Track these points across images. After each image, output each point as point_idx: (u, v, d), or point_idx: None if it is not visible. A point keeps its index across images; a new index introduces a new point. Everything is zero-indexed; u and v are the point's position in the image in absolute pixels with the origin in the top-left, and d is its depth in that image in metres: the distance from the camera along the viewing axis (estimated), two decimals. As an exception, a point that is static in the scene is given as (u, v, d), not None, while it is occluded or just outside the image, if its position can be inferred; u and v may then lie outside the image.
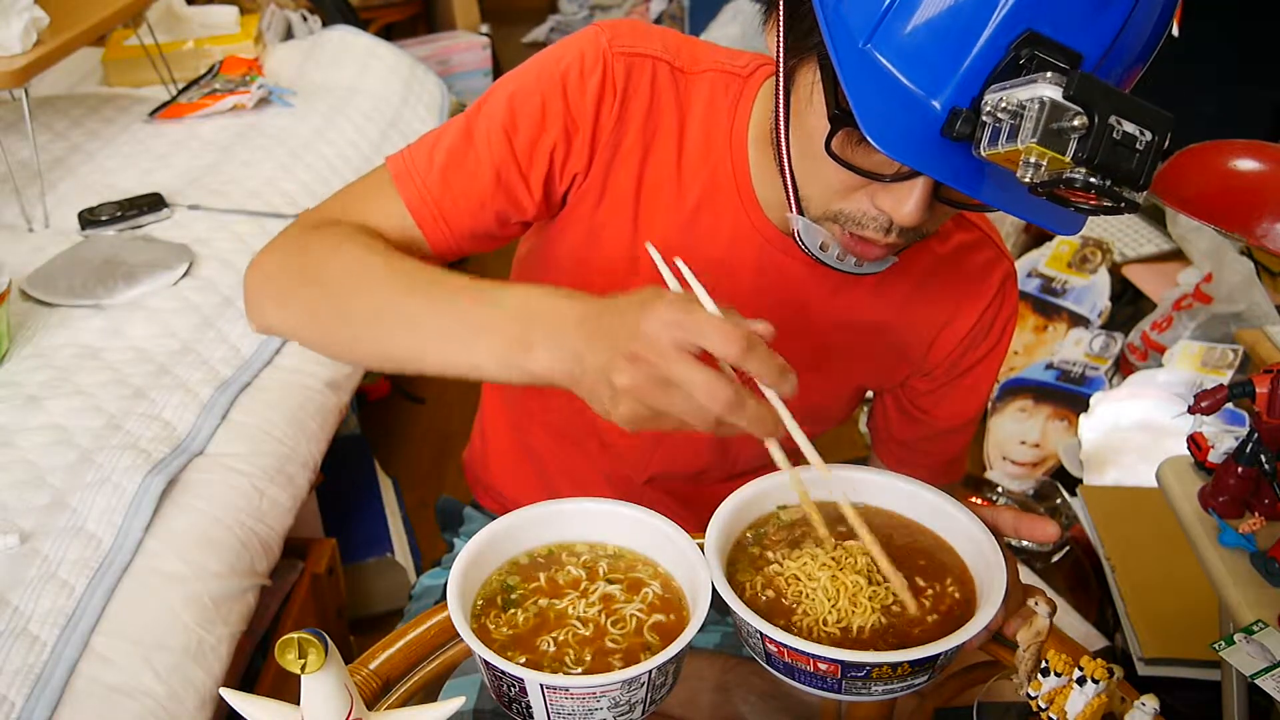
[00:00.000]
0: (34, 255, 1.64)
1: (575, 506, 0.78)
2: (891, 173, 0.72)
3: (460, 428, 0.87)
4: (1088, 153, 0.57)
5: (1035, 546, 1.84)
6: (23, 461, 1.23)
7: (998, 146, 0.61)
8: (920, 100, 0.65)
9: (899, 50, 0.65)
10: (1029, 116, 0.58)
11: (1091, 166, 0.57)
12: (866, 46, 0.66)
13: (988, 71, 0.63)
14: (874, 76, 0.66)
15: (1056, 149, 0.57)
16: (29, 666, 1.01)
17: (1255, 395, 0.94)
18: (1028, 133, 0.58)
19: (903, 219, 0.73)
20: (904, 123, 0.65)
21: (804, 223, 0.81)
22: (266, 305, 0.87)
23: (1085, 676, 0.66)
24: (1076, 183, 0.58)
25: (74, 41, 1.76)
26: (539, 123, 0.87)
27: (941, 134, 0.64)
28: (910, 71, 0.65)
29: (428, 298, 0.76)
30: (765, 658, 0.70)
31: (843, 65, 0.66)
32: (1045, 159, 0.58)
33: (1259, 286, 2.01)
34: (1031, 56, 0.62)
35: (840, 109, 0.71)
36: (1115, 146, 0.57)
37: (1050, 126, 0.57)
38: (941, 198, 0.74)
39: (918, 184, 0.72)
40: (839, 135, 0.72)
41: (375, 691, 0.78)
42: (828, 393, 1.02)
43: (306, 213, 0.91)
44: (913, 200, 0.72)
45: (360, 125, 2.25)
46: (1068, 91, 0.57)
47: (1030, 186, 0.60)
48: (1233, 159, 1.13)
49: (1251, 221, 1.08)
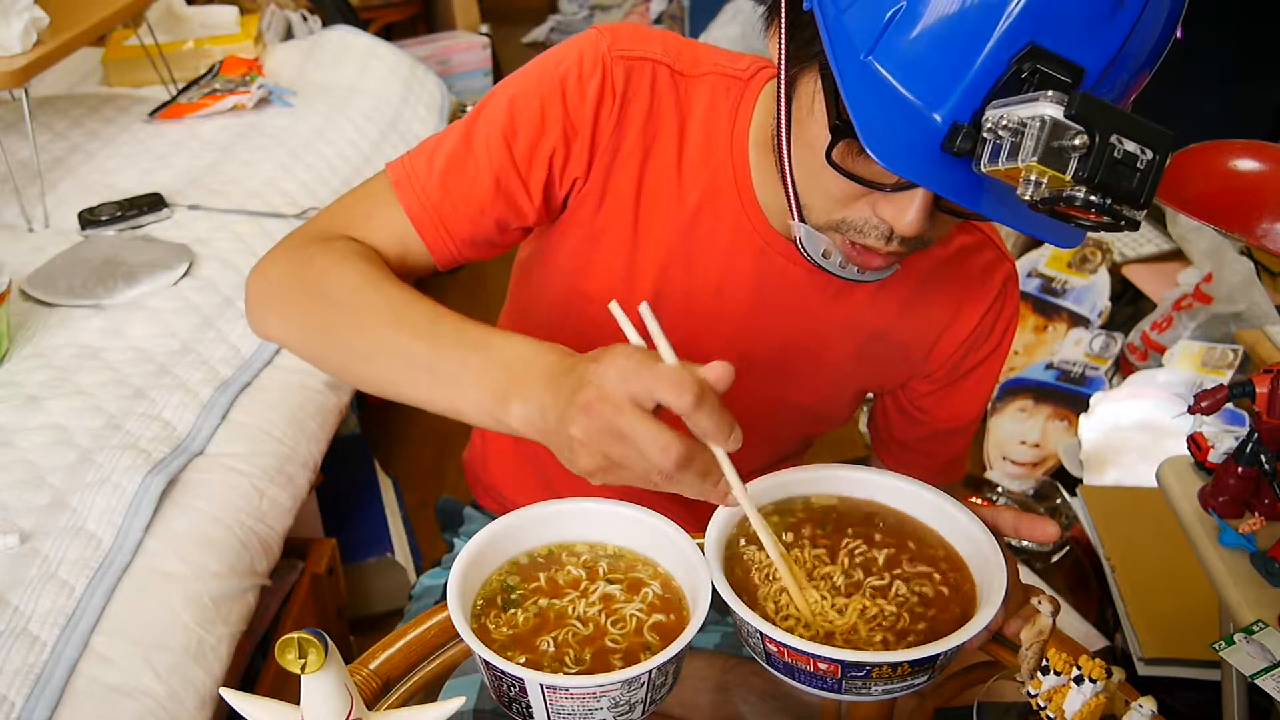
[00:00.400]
0: (34, 255, 1.64)
1: (575, 506, 0.78)
2: (892, 183, 0.72)
3: (460, 428, 0.87)
4: (1088, 172, 0.57)
5: (1035, 546, 1.85)
6: (23, 461, 1.23)
7: (998, 163, 0.60)
8: (921, 113, 0.65)
9: (900, 62, 0.65)
10: (1030, 134, 0.58)
11: (1092, 185, 0.57)
12: (868, 58, 0.66)
13: (989, 85, 0.63)
14: (875, 88, 0.66)
15: (1057, 167, 0.57)
16: (29, 666, 1.01)
17: (1255, 395, 0.94)
18: (1028, 151, 0.58)
19: (904, 229, 0.73)
20: (904, 135, 0.65)
21: (806, 230, 0.81)
22: (269, 316, 0.87)
23: (1083, 676, 0.66)
24: (1076, 201, 0.58)
25: (74, 41, 1.77)
26: (538, 128, 0.87)
27: (942, 149, 0.64)
28: (911, 84, 0.65)
29: (419, 338, 0.76)
30: (765, 658, 0.70)
31: (844, 76, 0.66)
32: (1046, 177, 0.58)
33: (1259, 286, 2.01)
34: (1034, 70, 0.61)
35: (841, 120, 0.70)
36: (1116, 165, 0.57)
37: (1051, 145, 0.57)
38: (943, 207, 0.74)
39: (919, 194, 0.72)
40: (840, 145, 0.72)
41: (375, 691, 0.78)
42: (828, 394, 1.02)
43: (310, 220, 0.92)
44: (914, 210, 0.72)
45: (360, 125, 2.25)
46: (1069, 110, 0.57)
47: (1030, 204, 0.60)
48: (1233, 159, 1.13)
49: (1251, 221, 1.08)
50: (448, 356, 0.74)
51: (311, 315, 0.84)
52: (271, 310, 0.87)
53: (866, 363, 0.99)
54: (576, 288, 0.95)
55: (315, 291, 0.83)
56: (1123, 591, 1.60)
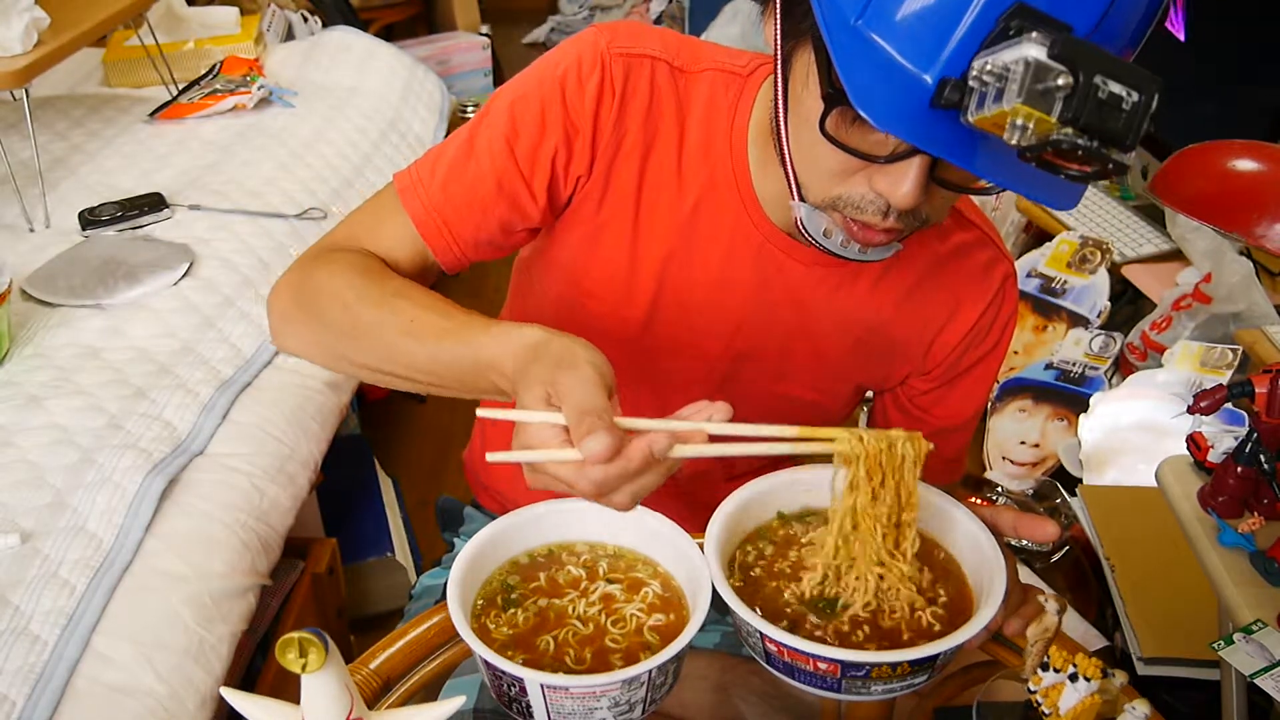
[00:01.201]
0: (34, 255, 1.64)
1: (575, 506, 0.78)
2: (886, 153, 0.73)
3: (460, 428, 0.88)
4: (1073, 112, 0.57)
5: (1035, 546, 1.84)
6: (23, 461, 1.23)
7: (985, 110, 0.60)
8: (911, 75, 0.65)
9: (890, 26, 0.66)
10: (1014, 78, 0.58)
11: (1078, 126, 0.57)
12: (858, 24, 0.67)
13: (977, 45, 0.63)
14: (865, 53, 0.66)
15: (1042, 109, 0.57)
16: (29, 666, 1.01)
17: (1254, 395, 0.94)
18: (1013, 94, 0.58)
19: (899, 201, 0.74)
20: (895, 97, 0.65)
21: (806, 209, 0.81)
22: (285, 337, 0.92)
23: (1078, 674, 0.66)
24: (1064, 144, 0.58)
25: (74, 42, 1.77)
26: (539, 129, 0.87)
27: (931, 104, 0.65)
28: (901, 47, 0.65)
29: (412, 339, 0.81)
30: (765, 657, 0.70)
31: (834, 43, 0.67)
32: (1032, 120, 0.58)
33: (1258, 286, 2.01)
34: (1020, 29, 0.61)
35: (834, 88, 0.71)
36: (1101, 106, 0.57)
37: (1035, 87, 0.57)
38: (938, 179, 0.74)
39: (913, 164, 0.72)
40: (833, 116, 0.73)
41: (375, 691, 0.78)
42: (827, 391, 1.02)
43: (326, 235, 0.95)
44: (909, 181, 0.72)
45: (360, 125, 2.25)
46: (1052, 51, 0.57)
47: (1019, 151, 0.60)
48: (1233, 159, 1.13)
49: (1251, 221, 1.08)
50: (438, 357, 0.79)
51: (315, 333, 0.88)
52: (286, 330, 0.91)
53: (865, 358, 1.00)
54: (578, 284, 0.95)
55: (316, 311, 0.87)
56: (1122, 591, 1.60)
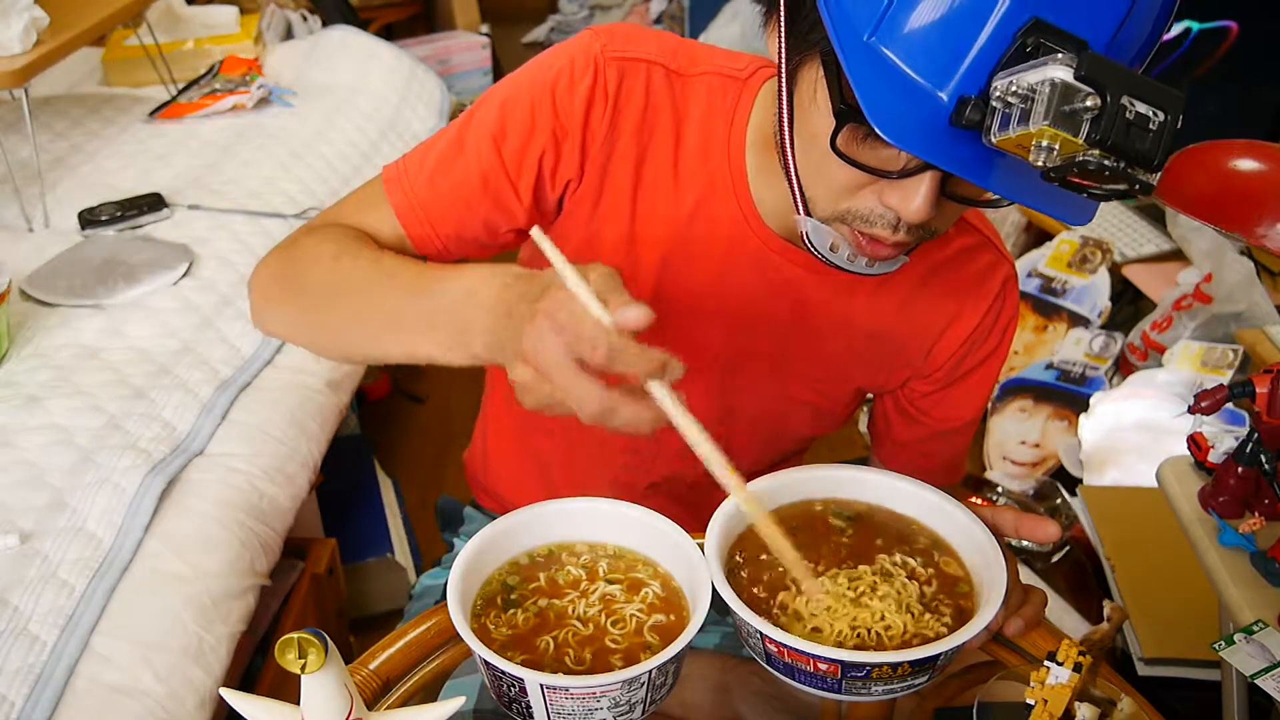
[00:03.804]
0: (34, 255, 1.64)
1: (575, 506, 0.78)
2: (898, 169, 0.72)
3: (460, 428, 0.88)
4: (1101, 134, 0.56)
5: (1035, 546, 1.84)
6: (23, 461, 1.23)
7: (1008, 131, 0.60)
8: (927, 92, 0.65)
9: (904, 42, 0.65)
10: (1040, 99, 0.57)
11: (1105, 148, 0.56)
12: (871, 40, 0.66)
13: (994, 61, 0.63)
14: (879, 70, 0.66)
15: (1069, 131, 0.56)
16: (29, 666, 1.01)
17: (1255, 395, 0.94)
18: (1039, 115, 0.57)
19: (910, 215, 0.73)
20: (911, 114, 0.64)
21: (813, 224, 0.80)
22: (265, 313, 0.91)
23: (1057, 659, 0.68)
24: (1090, 165, 0.57)
25: (74, 41, 1.77)
26: (528, 130, 0.87)
27: (950, 123, 0.64)
28: (916, 63, 0.65)
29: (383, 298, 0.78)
30: (765, 658, 0.70)
31: (848, 60, 0.66)
32: (1058, 141, 0.57)
33: (1259, 286, 2.01)
34: (1038, 44, 0.61)
35: (845, 104, 0.70)
36: (1129, 127, 0.56)
37: (1062, 108, 0.56)
38: (949, 194, 0.74)
39: (925, 179, 0.71)
40: (844, 132, 0.72)
41: (375, 691, 0.78)
42: (827, 394, 1.02)
43: (308, 222, 0.94)
44: (920, 196, 0.72)
45: (360, 125, 2.25)
46: (1079, 72, 0.56)
47: (1043, 172, 0.59)
48: (1233, 159, 1.13)
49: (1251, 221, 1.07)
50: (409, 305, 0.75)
51: (295, 306, 0.87)
52: (266, 308, 0.91)
53: (865, 361, 0.99)
54: None
55: (296, 282, 0.87)
56: (1122, 592, 1.60)
